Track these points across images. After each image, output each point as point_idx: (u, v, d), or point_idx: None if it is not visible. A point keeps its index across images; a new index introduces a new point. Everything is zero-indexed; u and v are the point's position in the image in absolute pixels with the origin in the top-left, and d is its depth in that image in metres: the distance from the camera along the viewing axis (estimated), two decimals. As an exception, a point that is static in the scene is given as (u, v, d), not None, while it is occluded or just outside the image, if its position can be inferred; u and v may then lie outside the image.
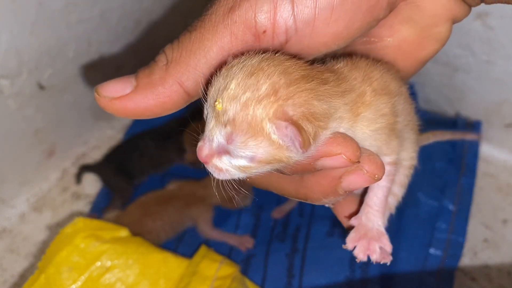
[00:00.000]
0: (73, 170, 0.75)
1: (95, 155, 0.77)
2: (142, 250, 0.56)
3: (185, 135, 0.65)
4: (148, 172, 0.71)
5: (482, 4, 0.29)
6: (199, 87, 0.26)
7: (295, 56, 0.26)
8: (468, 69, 0.68)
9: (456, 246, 0.59)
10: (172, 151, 0.70)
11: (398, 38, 0.30)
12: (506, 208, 0.66)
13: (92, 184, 0.73)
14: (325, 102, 0.25)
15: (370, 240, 0.30)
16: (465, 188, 0.63)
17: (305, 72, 0.25)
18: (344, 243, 0.32)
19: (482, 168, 0.70)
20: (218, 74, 0.26)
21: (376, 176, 0.27)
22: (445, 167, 0.65)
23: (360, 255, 0.30)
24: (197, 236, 0.64)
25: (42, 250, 0.66)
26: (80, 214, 0.70)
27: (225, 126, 0.24)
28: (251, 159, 0.25)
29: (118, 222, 0.60)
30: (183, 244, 0.64)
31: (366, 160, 0.27)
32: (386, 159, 0.29)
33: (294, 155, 0.25)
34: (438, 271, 0.58)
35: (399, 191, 0.34)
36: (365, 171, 0.27)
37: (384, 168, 0.27)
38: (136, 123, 0.77)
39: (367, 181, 0.27)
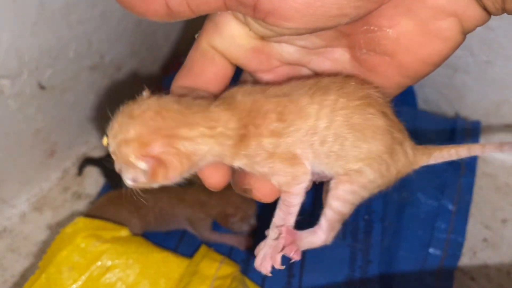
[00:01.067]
0: (74, 170, 0.75)
1: (96, 155, 0.77)
2: (142, 249, 0.56)
3: None
4: None
5: None
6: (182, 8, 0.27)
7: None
8: (467, 69, 0.68)
9: (456, 245, 0.59)
10: None
11: (398, 31, 0.28)
12: (505, 208, 0.67)
13: (92, 184, 0.73)
14: (190, 144, 0.28)
15: (266, 257, 0.33)
16: (464, 188, 0.63)
17: (174, 122, 0.29)
18: (346, 243, 0.42)
19: (481, 168, 0.70)
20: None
21: (263, 200, 0.32)
22: (445, 167, 0.65)
23: (263, 270, 0.32)
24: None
25: (43, 250, 0.66)
26: (80, 214, 0.70)
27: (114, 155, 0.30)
28: (134, 180, 0.29)
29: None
30: (183, 244, 0.64)
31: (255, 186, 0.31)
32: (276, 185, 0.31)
33: (163, 182, 0.29)
34: (437, 270, 0.58)
35: (339, 206, 0.33)
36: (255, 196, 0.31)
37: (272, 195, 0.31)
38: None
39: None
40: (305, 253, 0.60)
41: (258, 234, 0.64)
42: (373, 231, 0.59)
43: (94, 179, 0.74)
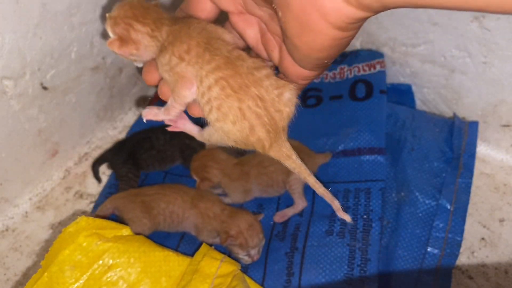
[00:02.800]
0: (76, 169, 0.75)
1: (98, 155, 0.77)
2: (143, 248, 0.57)
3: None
4: (153, 166, 0.72)
5: None
6: None
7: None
8: (465, 70, 0.68)
9: (454, 244, 0.59)
10: (176, 151, 0.71)
11: (284, 15, 0.33)
12: (502, 207, 0.67)
13: (94, 184, 0.74)
14: (137, 35, 0.41)
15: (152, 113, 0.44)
16: (462, 188, 0.63)
17: (141, 13, 0.42)
18: (345, 242, 0.53)
19: (479, 167, 0.71)
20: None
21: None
22: (443, 167, 0.66)
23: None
24: (198, 235, 0.65)
25: (45, 249, 0.66)
26: (82, 213, 0.70)
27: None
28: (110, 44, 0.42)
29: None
30: (184, 243, 0.64)
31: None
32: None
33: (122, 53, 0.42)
34: (436, 269, 0.58)
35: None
36: None
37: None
38: (138, 123, 0.78)
39: None
40: (304, 252, 0.61)
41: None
42: (372, 230, 0.59)
43: (96, 180, 0.75)
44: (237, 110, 0.38)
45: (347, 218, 0.44)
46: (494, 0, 0.24)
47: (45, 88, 0.65)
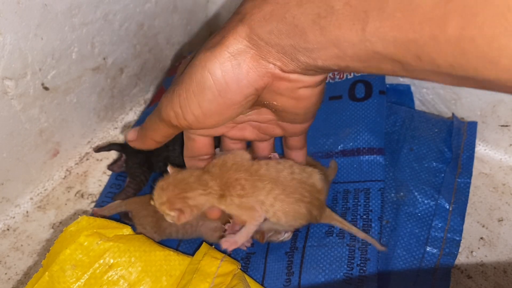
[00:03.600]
0: (77, 169, 0.76)
1: (99, 155, 0.78)
2: (144, 248, 0.57)
3: None
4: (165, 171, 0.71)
5: None
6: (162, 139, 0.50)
7: None
8: (464, 70, 0.69)
9: (453, 244, 0.60)
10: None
11: (280, 101, 0.43)
12: (501, 207, 0.67)
13: (95, 184, 0.74)
14: (193, 200, 0.51)
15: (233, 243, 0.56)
16: (461, 188, 0.64)
17: (185, 185, 0.51)
18: (345, 242, 0.59)
19: (477, 167, 0.71)
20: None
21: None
22: (442, 167, 0.66)
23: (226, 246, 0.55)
24: (198, 234, 0.65)
25: (46, 248, 0.66)
26: (83, 212, 0.70)
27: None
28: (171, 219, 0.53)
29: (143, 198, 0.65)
30: (184, 242, 0.65)
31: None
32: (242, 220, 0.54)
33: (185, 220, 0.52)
34: (434, 268, 0.58)
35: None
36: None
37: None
38: (138, 123, 0.78)
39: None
40: (304, 252, 0.61)
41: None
42: (371, 230, 0.60)
43: (97, 179, 0.75)
44: (300, 208, 0.53)
45: (383, 249, 0.58)
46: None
47: (46, 88, 0.65)
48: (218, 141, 0.66)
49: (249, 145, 0.58)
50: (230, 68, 0.38)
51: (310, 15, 0.32)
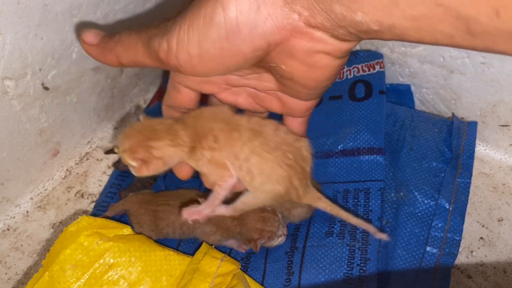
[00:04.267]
0: (77, 169, 0.76)
1: (99, 155, 0.78)
2: (144, 248, 0.57)
3: None
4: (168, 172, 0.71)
5: None
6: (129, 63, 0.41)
7: None
8: (464, 70, 0.69)
9: (453, 244, 0.60)
10: None
11: (289, 66, 0.37)
12: (501, 207, 0.67)
13: (95, 184, 0.74)
14: (159, 151, 0.44)
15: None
16: (461, 188, 0.64)
17: (151, 132, 0.45)
18: (345, 242, 0.58)
19: (477, 167, 0.71)
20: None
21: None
22: (442, 167, 0.66)
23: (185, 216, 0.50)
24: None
25: (46, 248, 0.67)
26: (83, 212, 0.71)
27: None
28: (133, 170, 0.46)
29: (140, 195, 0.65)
30: (184, 242, 0.65)
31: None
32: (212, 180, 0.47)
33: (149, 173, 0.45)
34: (434, 268, 0.58)
35: (242, 205, 0.49)
36: None
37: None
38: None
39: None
40: (304, 252, 0.61)
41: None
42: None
43: (97, 179, 0.75)
44: (279, 168, 0.44)
45: (384, 237, 0.52)
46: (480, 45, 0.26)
47: (46, 88, 0.65)
48: None
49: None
50: (247, 9, 0.32)
51: None
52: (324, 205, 0.50)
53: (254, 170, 0.44)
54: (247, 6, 0.31)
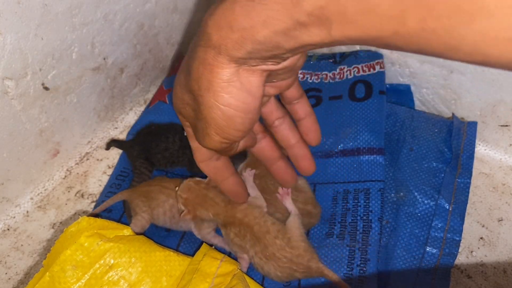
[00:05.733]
0: (77, 169, 0.76)
1: (99, 155, 0.78)
2: (144, 248, 0.57)
3: None
4: (164, 166, 0.72)
5: None
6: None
7: None
8: (463, 70, 0.69)
9: (453, 244, 0.60)
10: (185, 160, 0.71)
11: (278, 78, 0.43)
12: (501, 207, 0.67)
13: (95, 184, 0.74)
14: (201, 214, 0.61)
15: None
16: (461, 188, 0.64)
17: (203, 200, 0.61)
18: (345, 243, 0.60)
19: (477, 167, 0.71)
20: None
21: None
22: (442, 167, 0.66)
23: None
24: (198, 234, 0.65)
25: (46, 248, 0.67)
26: (83, 212, 0.71)
27: None
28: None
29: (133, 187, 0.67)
30: (184, 243, 0.65)
31: None
32: None
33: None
34: (434, 269, 0.58)
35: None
36: None
37: None
38: (138, 123, 0.78)
39: None
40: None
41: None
42: (371, 231, 0.60)
43: (97, 179, 0.75)
44: (274, 269, 0.57)
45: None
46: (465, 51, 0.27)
47: (46, 88, 0.65)
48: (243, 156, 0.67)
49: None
50: (236, 91, 0.38)
51: (279, 32, 0.33)
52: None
53: (257, 265, 0.59)
54: (234, 89, 0.38)
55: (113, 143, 0.77)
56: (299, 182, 0.63)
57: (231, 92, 0.38)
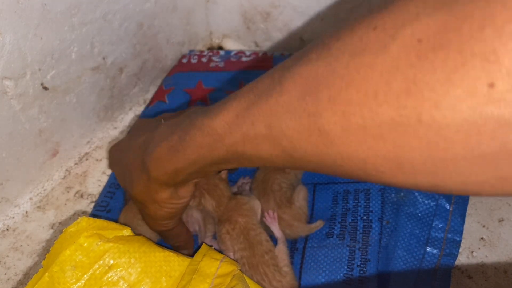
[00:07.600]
0: (76, 169, 0.76)
1: (99, 155, 0.78)
2: (144, 249, 0.57)
3: None
4: None
5: None
6: None
7: None
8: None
9: (453, 244, 0.60)
10: None
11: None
12: (502, 207, 0.67)
13: (95, 184, 0.74)
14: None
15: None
16: (461, 188, 0.63)
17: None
18: (346, 243, 0.59)
19: (478, 168, 0.71)
20: None
21: None
22: (442, 167, 0.66)
23: None
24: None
25: (46, 248, 0.66)
26: (83, 213, 0.70)
27: None
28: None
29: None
30: (184, 243, 0.65)
31: None
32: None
33: None
34: (435, 269, 0.58)
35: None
36: None
37: None
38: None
39: None
40: (304, 253, 0.61)
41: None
42: (372, 231, 0.60)
43: (96, 179, 0.75)
44: (253, 279, 0.56)
45: None
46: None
47: (45, 88, 0.65)
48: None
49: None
50: (175, 200, 0.51)
51: (206, 165, 0.42)
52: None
53: (242, 268, 0.58)
54: (173, 202, 0.52)
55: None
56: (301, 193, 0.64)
57: (171, 203, 0.51)
